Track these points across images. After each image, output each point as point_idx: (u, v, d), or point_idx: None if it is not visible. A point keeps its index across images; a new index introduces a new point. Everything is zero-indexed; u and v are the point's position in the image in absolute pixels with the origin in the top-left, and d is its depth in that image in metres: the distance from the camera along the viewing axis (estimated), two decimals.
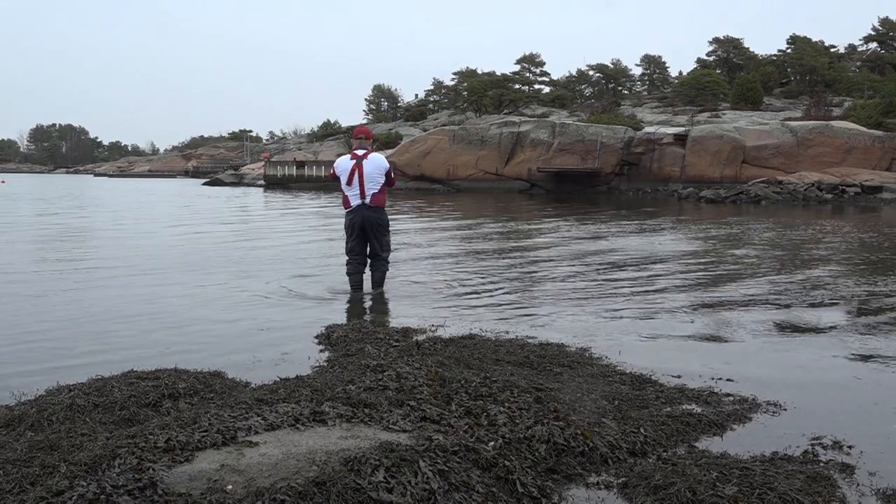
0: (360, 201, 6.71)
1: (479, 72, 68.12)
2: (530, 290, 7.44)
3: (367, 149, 6.85)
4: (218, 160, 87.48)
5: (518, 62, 72.13)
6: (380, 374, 3.74)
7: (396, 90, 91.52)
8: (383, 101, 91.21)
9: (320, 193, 35.76)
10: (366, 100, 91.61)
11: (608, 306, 6.46)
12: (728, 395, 3.87)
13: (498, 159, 38.21)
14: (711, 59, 67.50)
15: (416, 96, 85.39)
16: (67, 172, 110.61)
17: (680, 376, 4.21)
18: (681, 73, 71.13)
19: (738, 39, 67.52)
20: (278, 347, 4.92)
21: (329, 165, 15.78)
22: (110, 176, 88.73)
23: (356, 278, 6.94)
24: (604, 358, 4.59)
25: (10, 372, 4.33)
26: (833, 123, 33.30)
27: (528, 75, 71.10)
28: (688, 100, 55.46)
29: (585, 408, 3.48)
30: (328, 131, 75.45)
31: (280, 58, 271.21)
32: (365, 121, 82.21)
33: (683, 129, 36.24)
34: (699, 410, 3.56)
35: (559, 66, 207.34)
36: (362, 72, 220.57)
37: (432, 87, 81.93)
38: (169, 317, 5.97)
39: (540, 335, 5.18)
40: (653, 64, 79.07)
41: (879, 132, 31.76)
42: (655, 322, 5.82)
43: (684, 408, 3.60)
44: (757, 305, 6.53)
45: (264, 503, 2.33)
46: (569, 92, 71.77)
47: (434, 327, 5.40)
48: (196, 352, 4.82)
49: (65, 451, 2.83)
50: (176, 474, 2.47)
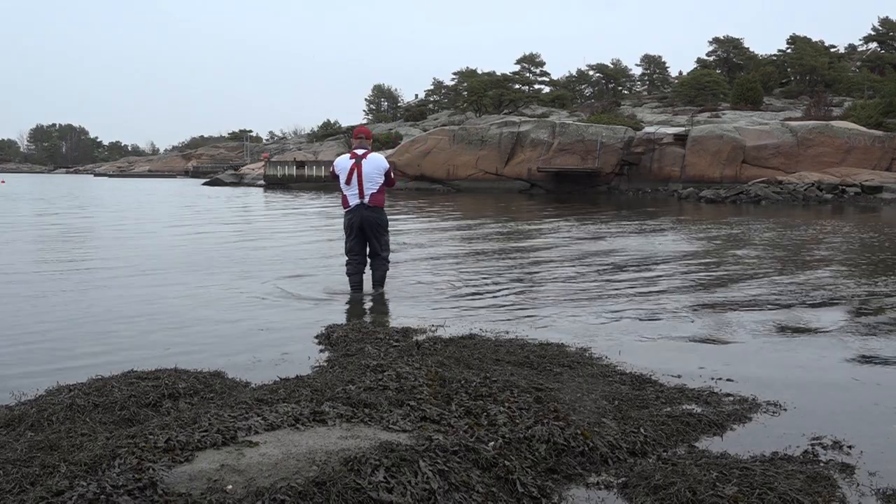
0: (359, 201, 6.71)
1: (479, 72, 68.22)
2: (531, 290, 7.44)
3: (366, 148, 6.84)
4: (218, 160, 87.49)
5: (518, 62, 72.31)
6: (380, 374, 3.74)
7: (396, 90, 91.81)
8: (383, 101, 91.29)
9: (320, 193, 35.76)
10: (366, 100, 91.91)
11: (608, 307, 6.45)
12: (728, 395, 3.87)
13: (498, 159, 38.21)
14: (711, 59, 67.56)
15: (416, 96, 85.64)
16: (67, 172, 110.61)
17: (680, 376, 4.21)
18: (681, 73, 71.25)
19: (738, 39, 67.67)
20: (278, 347, 4.92)
21: (329, 165, 15.84)
22: (110, 176, 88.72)
23: (356, 278, 6.93)
24: (604, 358, 4.59)
25: (10, 373, 4.33)
26: (833, 123, 33.30)
27: (528, 75, 71.15)
28: (688, 100, 55.49)
29: (585, 408, 3.48)
30: (328, 131, 75.48)
31: (280, 58, 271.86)
32: (365, 121, 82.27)
33: (683, 129, 36.24)
34: (699, 410, 3.56)
35: (559, 66, 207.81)
36: (362, 72, 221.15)
37: (432, 87, 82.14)
38: (169, 317, 5.97)
39: (540, 335, 5.18)
40: (653, 64, 79.10)
41: (879, 132, 31.76)
42: (656, 322, 5.82)
43: (684, 408, 3.60)
44: (757, 306, 6.53)
45: (264, 503, 2.33)
46: (569, 92, 71.80)
47: (434, 327, 5.40)
48: (196, 352, 4.82)
49: (65, 451, 2.83)
50: (176, 474, 2.48)
